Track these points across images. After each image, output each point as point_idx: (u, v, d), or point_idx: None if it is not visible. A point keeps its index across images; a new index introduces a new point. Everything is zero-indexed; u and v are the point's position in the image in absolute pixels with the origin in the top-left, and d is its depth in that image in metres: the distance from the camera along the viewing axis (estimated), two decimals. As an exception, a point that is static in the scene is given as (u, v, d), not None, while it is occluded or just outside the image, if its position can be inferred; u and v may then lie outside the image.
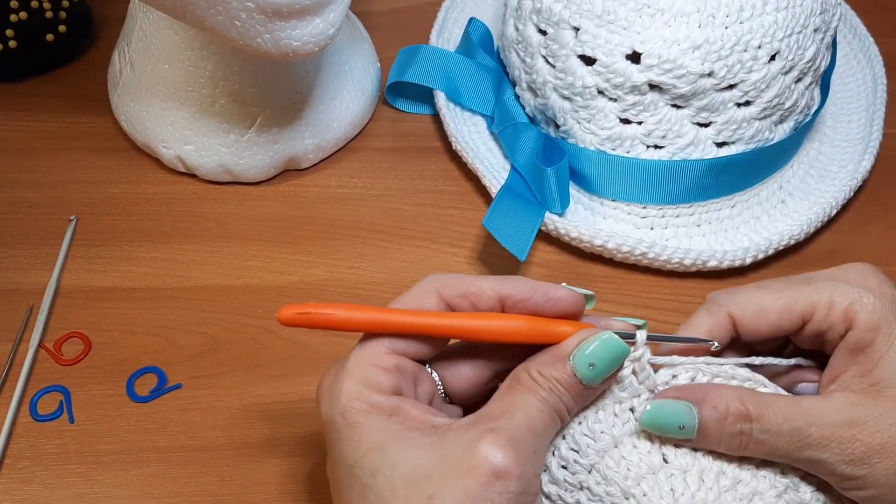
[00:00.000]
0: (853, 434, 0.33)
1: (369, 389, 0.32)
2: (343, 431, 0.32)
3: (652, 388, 0.35)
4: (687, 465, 0.34)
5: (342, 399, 0.32)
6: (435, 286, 0.35)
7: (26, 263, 0.52)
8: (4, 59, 0.60)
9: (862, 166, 0.54)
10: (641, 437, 0.35)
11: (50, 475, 0.44)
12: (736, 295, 0.36)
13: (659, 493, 0.34)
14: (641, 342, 0.34)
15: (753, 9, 0.48)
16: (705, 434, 0.34)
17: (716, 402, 0.33)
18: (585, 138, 0.52)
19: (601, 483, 0.34)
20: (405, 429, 0.32)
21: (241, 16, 0.43)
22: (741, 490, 0.34)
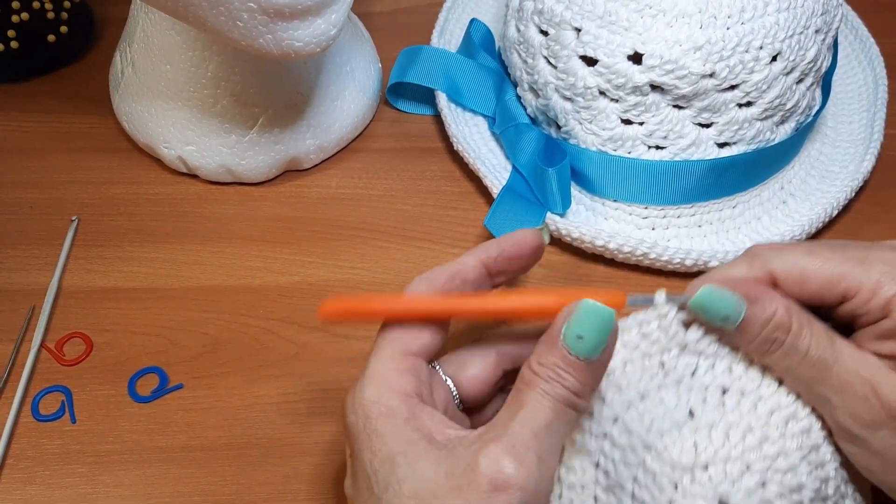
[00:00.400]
0: (867, 393, 0.32)
1: (389, 392, 0.33)
2: (363, 440, 0.32)
3: (682, 343, 0.35)
4: (713, 421, 0.34)
5: (365, 404, 0.33)
6: (424, 284, 0.35)
7: (28, 264, 0.52)
8: (6, 60, 0.60)
9: (863, 167, 0.54)
10: (669, 392, 0.35)
11: (52, 475, 0.44)
12: (781, 254, 0.35)
13: (681, 447, 0.33)
14: (661, 301, 0.35)
15: (755, 10, 0.48)
16: (744, 330, 0.34)
17: (766, 304, 0.33)
18: (587, 139, 0.52)
19: (623, 434, 0.34)
20: (417, 439, 0.32)
21: (243, 16, 0.43)
22: (766, 449, 0.34)
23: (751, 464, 0.33)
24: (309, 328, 0.49)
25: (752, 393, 0.35)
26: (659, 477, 0.33)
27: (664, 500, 0.33)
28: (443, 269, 0.36)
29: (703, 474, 0.33)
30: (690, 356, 0.35)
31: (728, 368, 0.35)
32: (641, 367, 0.35)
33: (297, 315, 0.50)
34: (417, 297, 0.35)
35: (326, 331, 0.49)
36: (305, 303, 0.50)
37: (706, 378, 0.35)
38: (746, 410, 0.34)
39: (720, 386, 0.35)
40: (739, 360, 0.35)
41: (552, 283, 0.51)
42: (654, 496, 0.33)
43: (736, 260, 0.36)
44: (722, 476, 0.33)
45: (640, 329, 0.35)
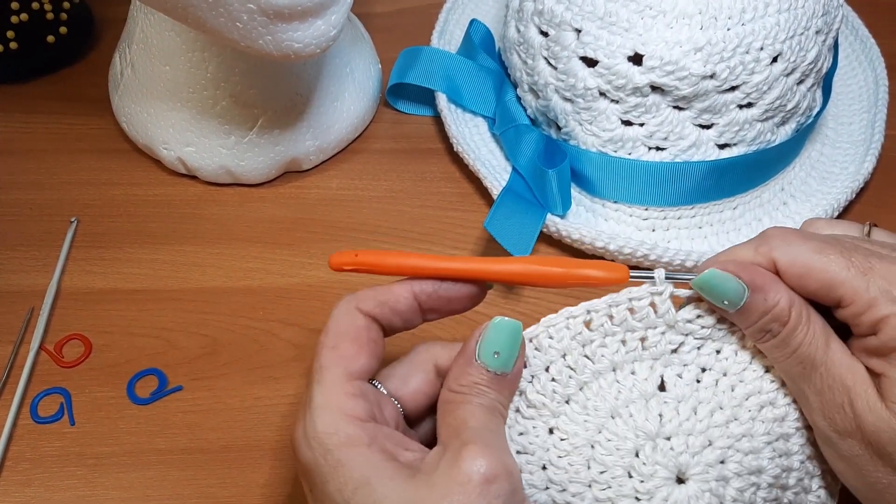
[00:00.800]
0: (843, 402, 0.33)
1: (345, 419, 0.32)
2: (326, 473, 0.31)
3: (671, 322, 0.35)
4: (683, 396, 0.35)
5: (321, 437, 0.32)
6: (352, 304, 0.35)
7: (27, 265, 0.52)
8: (5, 61, 0.60)
9: (864, 168, 0.54)
10: (643, 365, 0.35)
11: (50, 477, 0.44)
12: (790, 244, 0.34)
13: (645, 416, 0.34)
14: (660, 279, 0.35)
15: (755, 11, 0.48)
16: (742, 315, 0.34)
17: (769, 296, 0.33)
18: (587, 140, 0.52)
19: (591, 399, 0.35)
20: (385, 459, 0.31)
21: (242, 17, 0.43)
22: (732, 429, 0.35)
23: (713, 440, 0.34)
24: (308, 329, 0.49)
25: (734, 375, 0.36)
26: (622, 440, 0.34)
27: (623, 464, 0.34)
28: (373, 293, 0.35)
29: (665, 443, 0.34)
30: (676, 335, 0.35)
31: (716, 350, 0.36)
32: (621, 340, 0.35)
33: (296, 316, 0.50)
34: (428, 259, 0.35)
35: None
36: (305, 304, 0.50)
37: (688, 356, 0.36)
38: (722, 390, 0.35)
39: (700, 365, 0.36)
40: (731, 343, 0.36)
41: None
42: (616, 461, 0.34)
43: (747, 241, 0.36)
44: (683, 447, 0.34)
45: (629, 304, 0.35)
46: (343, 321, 0.35)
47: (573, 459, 0.34)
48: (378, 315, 0.35)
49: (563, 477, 0.34)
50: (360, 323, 0.35)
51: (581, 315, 0.35)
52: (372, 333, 0.35)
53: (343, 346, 0.34)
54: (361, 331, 0.34)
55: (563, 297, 0.50)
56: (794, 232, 0.35)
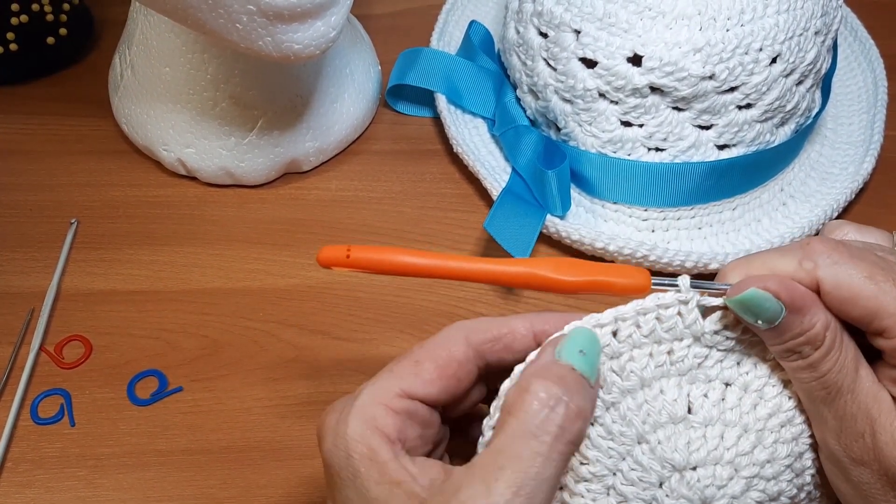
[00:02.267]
0: (864, 431, 0.31)
1: (373, 432, 0.30)
2: (346, 477, 0.31)
3: (698, 334, 0.33)
4: (710, 419, 0.33)
5: (347, 440, 0.31)
6: (464, 333, 0.33)
7: (27, 266, 0.52)
8: (5, 62, 0.60)
9: (863, 168, 0.54)
10: (671, 382, 0.33)
11: (51, 478, 0.44)
12: (839, 265, 0.31)
13: (674, 445, 0.32)
14: (686, 287, 0.32)
15: (754, 12, 0.48)
16: (773, 334, 0.32)
17: (805, 317, 0.31)
18: (586, 141, 0.52)
19: (617, 422, 0.33)
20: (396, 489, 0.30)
21: (242, 19, 0.43)
22: (757, 455, 0.33)
23: (740, 469, 0.33)
24: (308, 330, 0.49)
25: (755, 391, 0.34)
26: (647, 471, 0.33)
27: (647, 496, 0.33)
28: (487, 325, 0.33)
29: (692, 475, 0.33)
30: (702, 347, 0.33)
31: (736, 363, 0.34)
32: (649, 354, 0.33)
33: (296, 317, 0.50)
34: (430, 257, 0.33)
35: (327, 333, 0.49)
36: (305, 305, 0.50)
37: (713, 371, 0.34)
38: (746, 410, 0.34)
39: (724, 380, 0.34)
40: (750, 354, 0.34)
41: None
42: (637, 492, 0.33)
43: (788, 250, 0.33)
44: (710, 479, 0.33)
45: (657, 312, 0.33)
46: (444, 345, 0.32)
47: (592, 487, 0.33)
48: (487, 352, 0.33)
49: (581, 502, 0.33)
50: (459, 356, 0.32)
51: (609, 324, 0.33)
52: (463, 370, 0.32)
53: (425, 365, 0.32)
54: (453, 364, 0.32)
55: (564, 297, 0.51)
56: (841, 248, 0.32)
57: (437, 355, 0.32)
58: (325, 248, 0.33)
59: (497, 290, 0.51)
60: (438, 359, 0.32)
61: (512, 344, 0.33)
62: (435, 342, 0.33)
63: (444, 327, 0.33)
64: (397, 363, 0.32)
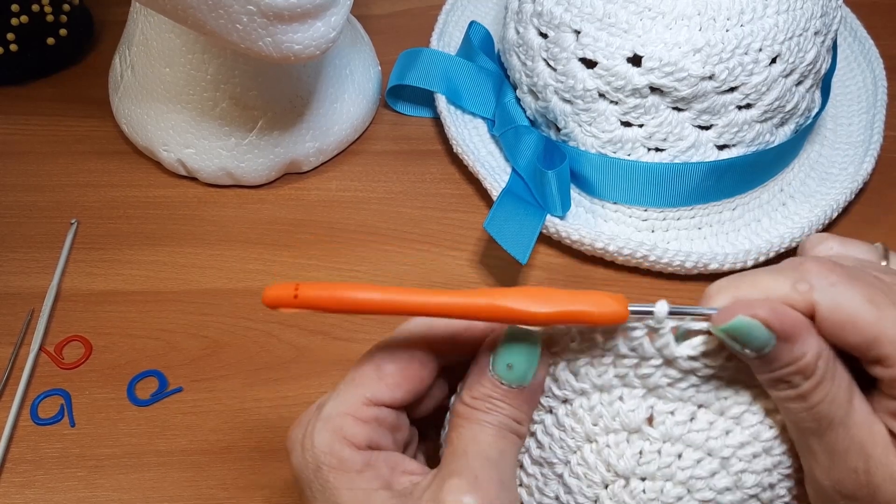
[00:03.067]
0: (858, 467, 0.30)
1: (341, 443, 0.30)
2: (316, 489, 0.31)
3: (669, 357, 0.31)
4: (671, 436, 0.32)
5: (315, 452, 0.31)
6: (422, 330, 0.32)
7: (27, 267, 0.52)
8: (5, 62, 0.60)
9: (863, 169, 0.54)
10: (634, 393, 0.32)
11: (51, 479, 0.44)
12: (836, 288, 0.29)
13: (621, 452, 0.32)
14: (662, 315, 0.30)
15: (754, 12, 0.48)
16: (761, 363, 0.30)
17: (796, 347, 0.29)
18: (586, 141, 0.52)
19: (569, 416, 0.33)
20: (374, 489, 0.30)
21: (242, 19, 0.43)
22: (717, 482, 0.32)
23: (693, 490, 0.32)
24: (308, 331, 0.49)
25: (731, 418, 0.32)
26: (592, 470, 0.32)
27: (590, 493, 0.32)
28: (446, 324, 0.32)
29: (637, 484, 0.32)
30: (675, 371, 0.32)
31: (715, 388, 0.32)
32: (612, 364, 0.32)
33: (296, 318, 0.50)
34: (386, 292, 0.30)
35: (327, 333, 0.49)
36: (305, 305, 0.50)
37: (686, 392, 0.32)
38: (715, 435, 0.32)
39: (698, 402, 0.32)
40: (733, 380, 0.32)
41: (551, 286, 0.51)
42: (582, 488, 0.32)
43: (780, 270, 0.30)
44: (656, 494, 0.32)
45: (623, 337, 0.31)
46: (404, 345, 0.32)
47: (544, 471, 0.33)
48: (446, 352, 0.32)
49: (534, 483, 0.33)
50: (420, 356, 0.32)
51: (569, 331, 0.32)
52: (425, 371, 0.32)
53: (388, 369, 0.31)
54: (415, 364, 0.32)
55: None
56: (838, 269, 0.30)
57: (399, 357, 0.32)
58: (271, 287, 0.30)
59: (495, 282, 0.51)
60: (400, 361, 0.32)
61: (470, 340, 0.32)
62: (395, 342, 0.32)
63: (402, 324, 0.32)
64: (358, 370, 0.32)
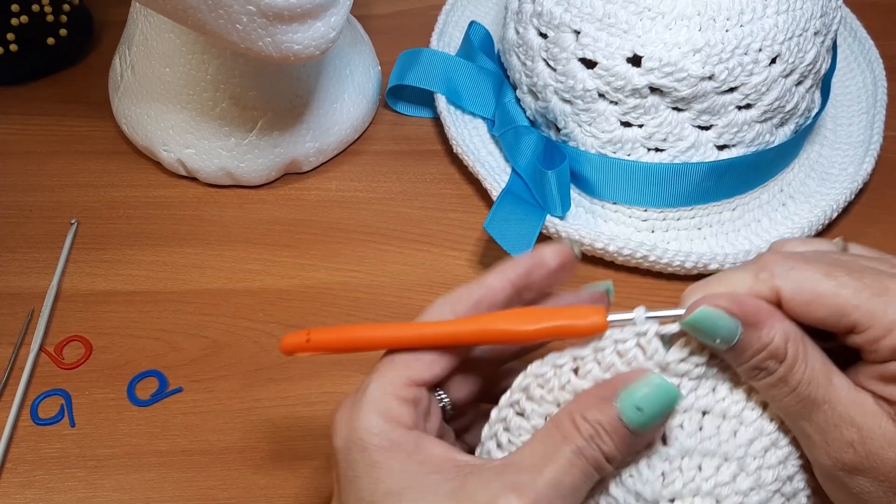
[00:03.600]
0: (853, 439, 0.31)
1: (391, 424, 0.31)
2: (360, 469, 0.31)
3: (663, 364, 0.32)
4: (687, 449, 0.32)
5: (361, 434, 0.31)
6: (448, 307, 0.33)
7: (27, 267, 0.52)
8: (5, 63, 0.60)
9: (863, 169, 0.54)
10: None
11: (51, 479, 0.44)
12: (794, 271, 0.31)
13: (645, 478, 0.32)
14: (640, 319, 0.32)
15: (754, 12, 0.48)
16: (736, 353, 0.31)
17: (763, 331, 0.30)
18: (586, 141, 0.52)
19: None
20: (425, 472, 0.30)
21: (242, 19, 0.43)
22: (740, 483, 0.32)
23: (721, 499, 0.32)
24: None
25: (734, 417, 0.33)
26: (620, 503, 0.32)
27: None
28: (467, 293, 0.33)
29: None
30: (671, 377, 0.32)
31: (712, 389, 0.33)
32: None
33: (296, 318, 0.50)
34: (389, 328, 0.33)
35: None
36: (305, 306, 0.50)
37: (687, 400, 0.32)
38: (725, 437, 0.32)
39: (700, 408, 0.33)
40: (725, 379, 0.33)
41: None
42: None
43: (744, 267, 0.33)
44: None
45: (615, 347, 0.32)
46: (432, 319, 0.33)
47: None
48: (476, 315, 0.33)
49: None
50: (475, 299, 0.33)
51: (567, 363, 0.32)
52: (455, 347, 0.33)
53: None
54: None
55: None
56: (794, 256, 0.32)
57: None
58: (286, 336, 0.34)
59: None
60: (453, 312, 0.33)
61: (494, 302, 0.33)
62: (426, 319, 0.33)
63: (428, 306, 0.33)
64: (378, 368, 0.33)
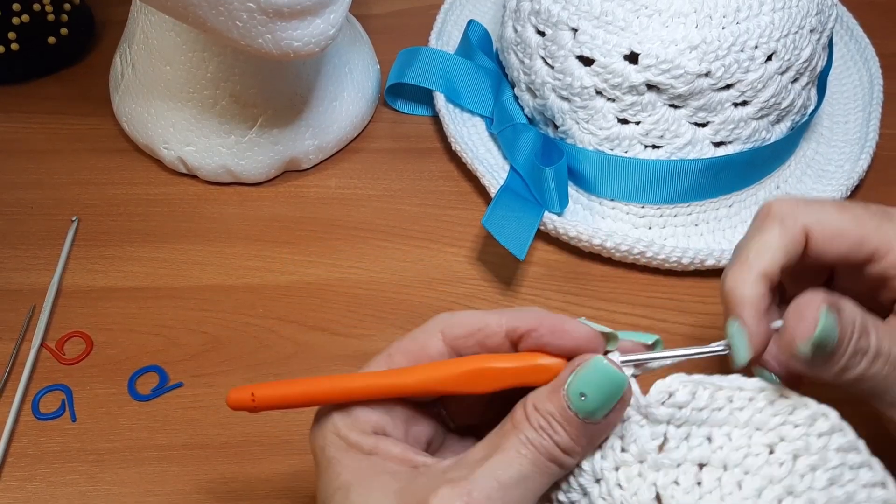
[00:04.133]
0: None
1: (349, 427, 0.31)
2: (321, 465, 0.32)
3: (643, 410, 0.30)
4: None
5: (324, 432, 0.32)
6: (440, 327, 0.33)
7: (28, 264, 0.52)
8: (7, 61, 0.60)
9: (858, 166, 0.55)
10: (631, 472, 0.30)
11: (52, 473, 0.44)
12: (812, 209, 0.32)
13: None
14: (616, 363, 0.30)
15: (750, 9, 0.48)
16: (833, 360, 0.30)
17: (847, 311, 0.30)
18: (584, 138, 0.52)
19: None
20: (378, 471, 0.30)
21: (242, 16, 0.44)
22: None
23: None
24: (308, 327, 0.49)
25: (736, 467, 0.30)
26: None
27: None
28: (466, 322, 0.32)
29: None
30: (657, 426, 0.30)
31: (706, 437, 0.30)
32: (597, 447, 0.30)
33: (296, 314, 0.50)
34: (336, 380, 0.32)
35: (326, 329, 0.49)
36: (304, 302, 0.51)
37: (678, 452, 0.30)
38: (729, 491, 0.29)
39: (696, 460, 0.30)
40: (720, 425, 0.30)
41: (550, 283, 0.52)
42: None
43: (761, 223, 0.32)
44: None
45: None
46: (418, 339, 0.33)
47: None
48: (461, 347, 0.32)
49: None
50: (431, 350, 0.32)
51: None
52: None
53: (396, 359, 0.32)
54: (424, 359, 0.32)
55: (561, 297, 0.51)
56: (804, 199, 0.33)
57: (409, 350, 0.33)
58: (232, 391, 0.33)
59: (495, 286, 0.51)
60: (409, 353, 0.32)
61: (485, 341, 0.32)
62: (410, 336, 0.33)
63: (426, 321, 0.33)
64: (374, 359, 0.33)
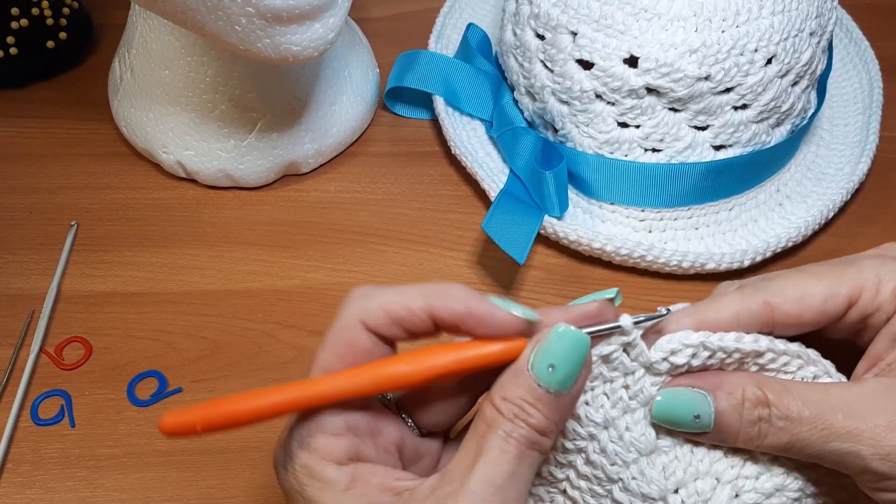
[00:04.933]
0: (890, 422, 0.29)
1: (321, 464, 0.29)
2: None
3: (646, 363, 0.31)
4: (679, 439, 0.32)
5: (298, 475, 0.29)
6: (358, 317, 0.30)
7: (27, 269, 0.52)
8: (5, 66, 0.60)
9: (859, 169, 0.55)
10: (636, 416, 0.32)
11: (51, 479, 0.44)
12: (772, 280, 0.32)
13: (649, 477, 0.31)
14: (629, 327, 0.30)
15: (749, 13, 0.48)
16: (722, 425, 0.31)
17: (732, 388, 0.30)
18: (584, 142, 0.52)
19: (587, 465, 0.32)
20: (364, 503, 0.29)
21: (241, 21, 0.44)
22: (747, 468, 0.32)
23: (719, 475, 0.32)
24: (307, 331, 0.49)
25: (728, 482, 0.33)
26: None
27: None
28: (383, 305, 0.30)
29: (674, 498, 0.32)
30: (658, 376, 0.32)
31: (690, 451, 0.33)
32: (604, 394, 0.32)
33: (295, 318, 0.50)
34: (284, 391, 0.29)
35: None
36: (304, 306, 0.50)
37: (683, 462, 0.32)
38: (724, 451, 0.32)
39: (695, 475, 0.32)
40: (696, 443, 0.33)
41: (550, 287, 0.52)
42: None
43: (724, 294, 0.32)
44: (694, 497, 0.31)
45: (600, 353, 0.31)
46: (343, 339, 0.30)
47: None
48: (387, 334, 0.30)
49: None
50: (362, 345, 0.30)
51: None
52: (374, 357, 0.30)
53: (335, 367, 0.30)
54: (362, 355, 0.30)
55: (550, 287, 0.51)
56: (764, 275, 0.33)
57: (342, 354, 0.30)
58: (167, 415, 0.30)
59: (495, 290, 0.51)
60: (343, 357, 0.30)
61: (411, 329, 0.30)
62: (332, 342, 0.30)
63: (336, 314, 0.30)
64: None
